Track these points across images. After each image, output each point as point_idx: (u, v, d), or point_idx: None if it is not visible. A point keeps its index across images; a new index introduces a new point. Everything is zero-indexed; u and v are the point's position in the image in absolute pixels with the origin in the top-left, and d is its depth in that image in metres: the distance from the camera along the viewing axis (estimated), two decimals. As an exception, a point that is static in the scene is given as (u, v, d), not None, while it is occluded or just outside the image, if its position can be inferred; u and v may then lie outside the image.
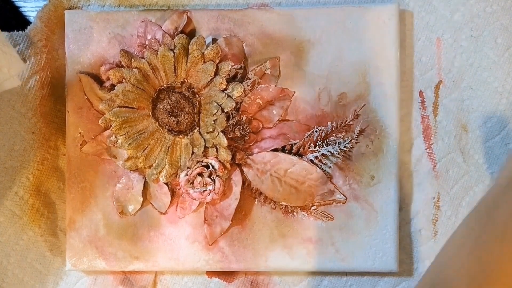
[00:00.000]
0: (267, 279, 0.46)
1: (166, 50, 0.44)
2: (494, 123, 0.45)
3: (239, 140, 0.44)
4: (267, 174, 0.44)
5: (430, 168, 0.46)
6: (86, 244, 0.45)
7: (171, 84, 0.44)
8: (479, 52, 0.45)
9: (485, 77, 0.45)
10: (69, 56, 0.45)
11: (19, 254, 0.46)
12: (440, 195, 0.46)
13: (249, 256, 0.45)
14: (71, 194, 0.45)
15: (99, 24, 0.45)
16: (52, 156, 0.47)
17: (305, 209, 0.45)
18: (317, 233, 0.45)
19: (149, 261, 0.45)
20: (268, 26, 0.44)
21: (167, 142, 0.44)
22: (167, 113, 0.44)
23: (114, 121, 0.44)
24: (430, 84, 0.46)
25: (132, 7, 0.46)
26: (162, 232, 0.45)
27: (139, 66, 0.44)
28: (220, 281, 0.47)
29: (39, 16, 0.45)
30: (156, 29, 0.44)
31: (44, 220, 0.46)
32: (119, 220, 0.45)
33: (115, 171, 0.45)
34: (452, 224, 0.46)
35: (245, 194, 0.45)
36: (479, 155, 0.46)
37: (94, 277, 0.47)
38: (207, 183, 0.44)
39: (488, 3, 0.45)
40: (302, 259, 0.45)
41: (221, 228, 0.45)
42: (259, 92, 0.44)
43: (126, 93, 0.44)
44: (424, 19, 0.45)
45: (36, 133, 0.46)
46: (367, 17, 0.44)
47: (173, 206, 0.45)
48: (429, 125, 0.46)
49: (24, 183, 0.46)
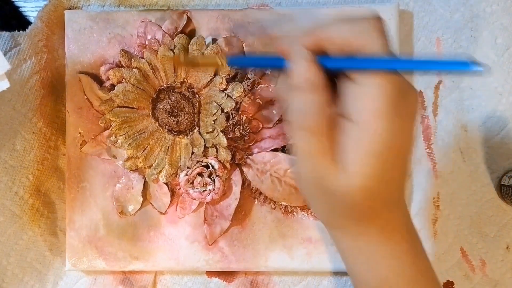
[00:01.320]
0: (267, 279, 0.46)
1: (166, 50, 0.44)
2: (493, 123, 0.45)
3: (239, 140, 0.44)
4: (267, 174, 0.44)
5: (430, 168, 0.46)
6: (86, 244, 0.45)
7: (171, 84, 0.44)
8: (479, 52, 0.45)
9: (485, 77, 0.45)
10: (69, 56, 0.45)
11: (19, 254, 0.46)
12: (440, 195, 0.46)
13: (249, 256, 0.45)
14: (71, 194, 0.45)
15: (99, 24, 0.45)
16: (52, 156, 0.47)
17: (305, 209, 0.45)
18: (317, 233, 0.44)
19: (149, 261, 0.45)
20: (268, 26, 0.44)
21: (167, 142, 0.44)
22: (167, 113, 0.44)
23: (114, 121, 0.44)
24: (430, 84, 0.46)
25: (132, 7, 0.46)
26: (162, 232, 0.45)
27: (139, 66, 0.44)
28: (220, 281, 0.47)
29: (40, 16, 0.45)
30: (156, 29, 0.44)
31: (44, 220, 0.46)
32: (119, 220, 0.45)
33: (115, 171, 0.45)
34: (452, 224, 0.46)
35: (245, 194, 0.45)
36: (479, 155, 0.46)
37: (94, 277, 0.47)
38: (207, 183, 0.44)
39: (488, 3, 0.45)
40: (302, 259, 0.44)
41: (221, 228, 0.45)
42: (259, 92, 0.44)
43: (126, 93, 0.44)
44: (424, 19, 0.45)
45: (36, 133, 0.46)
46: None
47: (173, 206, 0.45)
48: (429, 125, 0.46)
49: (24, 183, 0.46)
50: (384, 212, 0.29)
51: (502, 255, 0.46)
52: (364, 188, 0.27)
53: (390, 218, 0.30)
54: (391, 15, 0.44)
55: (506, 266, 0.46)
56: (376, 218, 0.29)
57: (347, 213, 0.29)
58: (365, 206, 0.28)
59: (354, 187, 0.27)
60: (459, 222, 0.46)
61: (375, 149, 0.26)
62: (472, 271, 0.46)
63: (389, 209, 0.29)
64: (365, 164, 0.27)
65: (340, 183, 0.27)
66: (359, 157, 0.27)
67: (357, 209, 0.29)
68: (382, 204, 0.29)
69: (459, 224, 0.46)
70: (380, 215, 0.29)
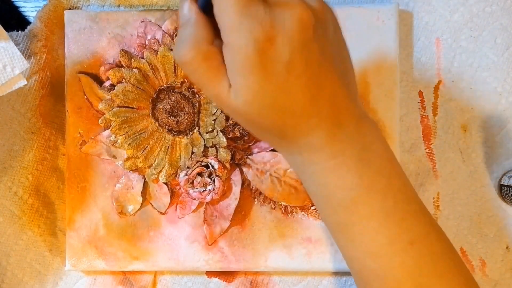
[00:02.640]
0: (267, 279, 0.46)
1: (166, 50, 0.44)
2: (493, 123, 0.45)
3: (238, 140, 0.44)
4: (267, 174, 0.44)
5: (430, 168, 0.46)
6: (86, 244, 0.45)
7: (171, 84, 0.44)
8: (479, 52, 0.45)
9: (485, 77, 0.45)
10: (68, 56, 0.45)
11: (18, 254, 0.46)
12: (440, 195, 0.46)
13: (248, 256, 0.45)
14: (70, 194, 0.45)
15: (99, 24, 0.45)
16: (52, 156, 0.47)
17: (304, 209, 0.45)
18: (317, 233, 0.44)
19: (148, 261, 0.45)
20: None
21: (166, 142, 0.44)
22: (166, 113, 0.44)
23: (114, 121, 0.44)
24: (430, 84, 0.46)
25: (132, 7, 0.46)
26: (162, 232, 0.45)
27: (139, 66, 0.44)
28: (219, 281, 0.47)
29: (39, 16, 0.45)
30: (156, 29, 0.44)
31: (44, 220, 0.46)
32: (118, 220, 0.45)
33: (114, 171, 0.45)
34: (451, 224, 0.46)
35: (245, 194, 0.45)
36: (478, 155, 0.46)
37: (93, 277, 0.47)
38: (207, 183, 0.44)
39: (488, 3, 0.45)
40: (301, 259, 0.44)
41: (221, 228, 0.45)
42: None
43: (126, 93, 0.44)
44: (424, 19, 0.45)
45: (35, 133, 0.46)
46: (367, 18, 0.44)
47: (172, 206, 0.45)
48: (428, 125, 0.46)
49: (24, 183, 0.45)
50: (304, 128, 0.29)
51: (502, 255, 0.46)
52: (255, 103, 0.28)
53: (317, 134, 0.29)
54: (391, 15, 0.44)
55: (506, 266, 0.46)
56: (297, 135, 0.29)
57: (262, 131, 0.30)
58: (270, 121, 0.29)
59: (245, 102, 0.28)
60: (459, 222, 0.46)
61: (247, 63, 0.27)
62: (472, 271, 0.46)
63: (311, 125, 0.29)
64: (245, 78, 0.27)
65: (232, 102, 0.28)
66: (237, 74, 0.28)
67: (265, 125, 0.29)
68: (294, 119, 0.29)
69: (459, 224, 0.46)
70: (300, 131, 0.29)
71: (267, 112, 0.29)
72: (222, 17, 0.27)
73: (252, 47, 0.27)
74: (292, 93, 0.28)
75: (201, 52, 0.28)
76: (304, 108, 0.29)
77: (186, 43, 0.29)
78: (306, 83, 0.28)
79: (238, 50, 0.27)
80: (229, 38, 0.27)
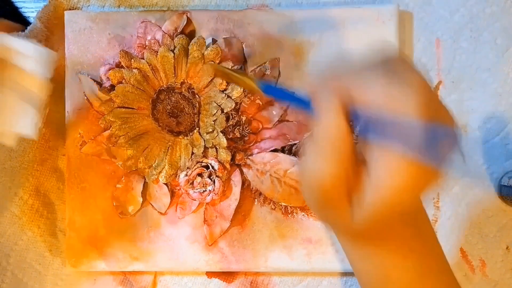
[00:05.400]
0: (267, 280, 0.46)
1: (166, 50, 0.44)
2: (493, 123, 0.45)
3: (238, 140, 0.44)
4: (267, 174, 0.44)
5: (430, 168, 0.46)
6: (86, 244, 0.45)
7: (171, 85, 0.44)
8: (479, 53, 0.45)
9: (485, 78, 0.45)
10: (68, 56, 0.45)
11: (18, 254, 0.46)
12: (440, 195, 0.46)
13: (249, 256, 0.45)
14: (70, 194, 0.45)
15: (99, 24, 0.45)
16: (52, 156, 0.47)
17: (304, 209, 0.45)
18: (317, 234, 0.44)
19: (149, 262, 0.45)
20: (268, 27, 0.44)
21: (166, 142, 0.44)
22: (167, 114, 0.44)
23: (114, 121, 0.44)
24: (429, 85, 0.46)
25: (132, 8, 0.46)
26: (162, 232, 0.45)
27: (139, 67, 0.44)
28: (219, 281, 0.47)
29: (39, 17, 0.45)
30: (156, 30, 0.44)
31: (44, 221, 0.46)
32: (119, 221, 0.45)
33: (115, 172, 0.45)
34: (452, 225, 0.46)
35: (245, 195, 0.45)
36: (479, 156, 0.46)
37: (93, 277, 0.47)
38: (207, 183, 0.44)
39: (488, 4, 0.45)
40: (301, 260, 0.44)
41: (221, 229, 0.45)
42: (259, 93, 0.44)
43: (126, 94, 0.44)
44: (424, 20, 0.45)
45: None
46: (367, 18, 0.44)
47: (172, 207, 0.45)
48: (428, 126, 0.46)
49: (24, 183, 0.45)
50: (395, 231, 0.30)
51: (502, 256, 0.46)
52: (371, 226, 0.28)
53: (400, 237, 0.30)
54: (391, 16, 0.44)
55: (506, 266, 0.46)
56: (385, 239, 0.30)
57: (355, 236, 0.30)
58: (374, 233, 0.29)
59: (365, 223, 0.28)
60: (459, 222, 0.46)
61: (384, 202, 0.27)
62: (472, 272, 0.46)
63: (403, 224, 0.30)
64: (376, 209, 0.27)
65: (349, 219, 0.28)
66: (372, 204, 0.27)
67: (366, 235, 0.29)
68: (391, 227, 0.29)
69: (459, 224, 0.46)
70: (388, 235, 0.30)
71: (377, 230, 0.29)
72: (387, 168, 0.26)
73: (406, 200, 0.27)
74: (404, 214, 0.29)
75: (344, 171, 0.26)
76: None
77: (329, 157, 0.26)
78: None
79: (389, 197, 0.26)
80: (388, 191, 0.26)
